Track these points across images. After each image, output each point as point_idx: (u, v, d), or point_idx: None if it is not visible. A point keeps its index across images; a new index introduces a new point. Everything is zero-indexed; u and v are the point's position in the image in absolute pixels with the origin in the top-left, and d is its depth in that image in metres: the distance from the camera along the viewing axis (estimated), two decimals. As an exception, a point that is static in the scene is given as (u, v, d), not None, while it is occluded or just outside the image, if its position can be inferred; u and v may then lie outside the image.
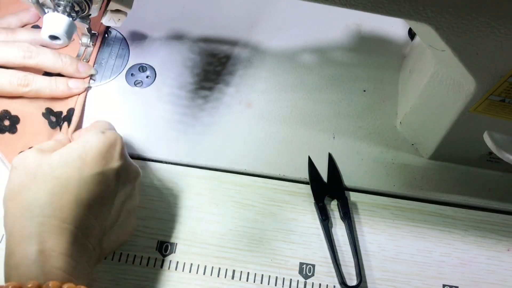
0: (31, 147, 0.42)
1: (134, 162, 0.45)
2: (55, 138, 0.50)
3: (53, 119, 0.53)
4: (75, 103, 0.54)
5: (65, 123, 0.53)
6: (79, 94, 0.54)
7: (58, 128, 0.53)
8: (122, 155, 0.42)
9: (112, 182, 0.41)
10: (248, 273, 0.48)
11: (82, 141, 0.41)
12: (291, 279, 0.48)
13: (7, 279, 0.35)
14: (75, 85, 0.54)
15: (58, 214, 0.37)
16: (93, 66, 0.57)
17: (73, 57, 0.54)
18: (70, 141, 0.46)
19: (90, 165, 0.39)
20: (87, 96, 0.56)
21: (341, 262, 0.48)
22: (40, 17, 0.56)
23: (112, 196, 0.41)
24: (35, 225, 0.36)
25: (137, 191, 0.47)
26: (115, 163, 0.41)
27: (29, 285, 0.33)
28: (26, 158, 0.40)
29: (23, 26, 0.57)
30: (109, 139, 0.41)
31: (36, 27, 0.58)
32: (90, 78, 0.57)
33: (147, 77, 0.58)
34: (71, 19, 0.44)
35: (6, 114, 0.51)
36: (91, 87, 0.56)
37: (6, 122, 0.51)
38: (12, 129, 0.51)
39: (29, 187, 0.38)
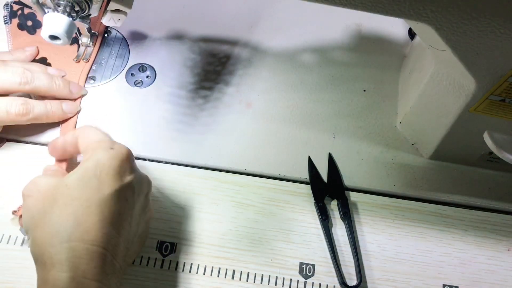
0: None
1: (143, 173, 0.44)
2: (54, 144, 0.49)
3: None
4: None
5: (61, 125, 0.54)
6: (71, 117, 0.54)
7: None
8: (133, 168, 0.42)
9: (130, 196, 0.40)
10: (248, 273, 0.48)
11: (94, 160, 0.40)
12: (291, 279, 0.48)
13: None
14: (69, 109, 0.54)
15: (85, 237, 0.37)
16: (91, 66, 0.58)
17: (64, 79, 0.54)
18: (65, 165, 0.47)
19: (107, 183, 0.39)
20: (87, 96, 0.56)
21: (341, 262, 0.48)
22: (35, 56, 0.57)
23: (131, 210, 0.41)
24: (65, 251, 0.36)
25: (150, 201, 0.46)
26: (129, 177, 0.41)
27: None
28: (38, 184, 0.40)
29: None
30: (119, 154, 0.41)
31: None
32: (91, 78, 0.57)
33: (147, 77, 0.58)
34: (71, 19, 0.44)
35: None
36: (85, 94, 0.56)
37: None
38: None
39: (51, 212, 0.38)
